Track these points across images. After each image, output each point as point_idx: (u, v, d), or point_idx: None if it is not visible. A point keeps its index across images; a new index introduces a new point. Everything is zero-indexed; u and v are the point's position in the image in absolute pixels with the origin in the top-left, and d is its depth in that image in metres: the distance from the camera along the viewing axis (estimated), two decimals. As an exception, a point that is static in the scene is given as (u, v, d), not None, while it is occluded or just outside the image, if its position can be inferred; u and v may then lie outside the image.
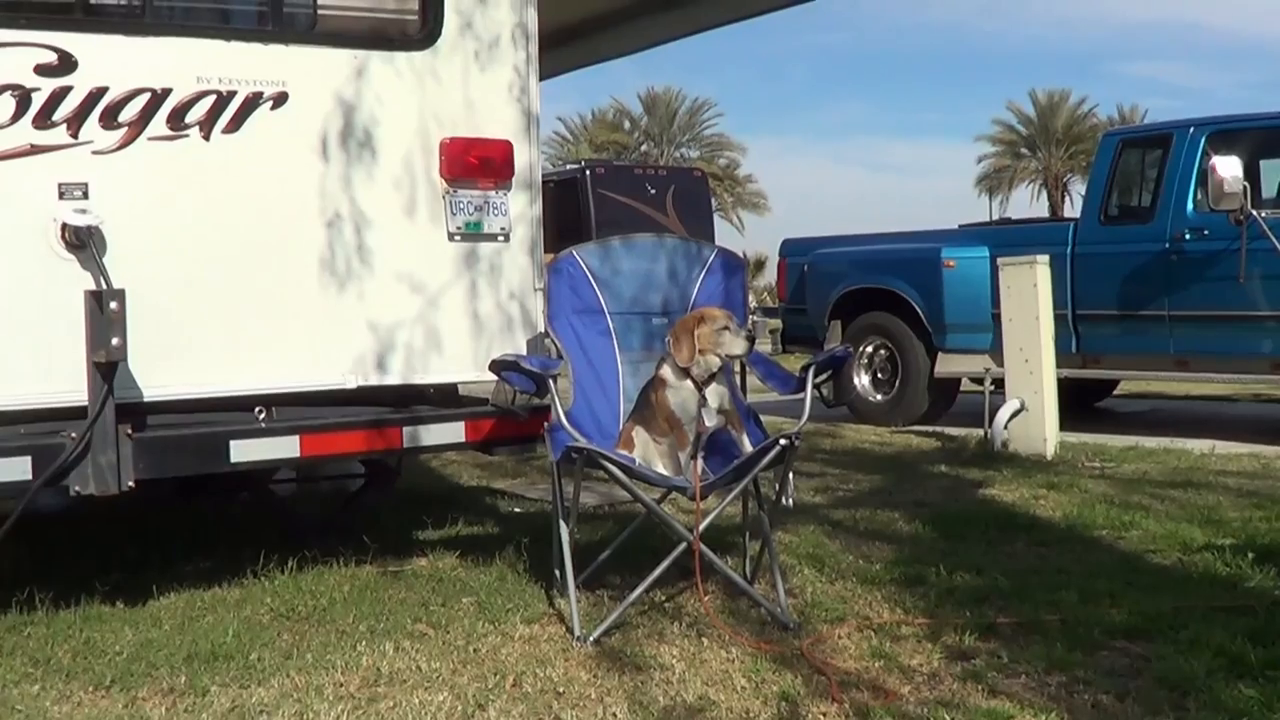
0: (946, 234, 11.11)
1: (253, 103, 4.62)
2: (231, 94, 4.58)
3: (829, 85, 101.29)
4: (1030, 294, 8.55)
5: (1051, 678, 3.66)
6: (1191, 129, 9.40)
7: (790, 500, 4.73)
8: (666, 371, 4.54)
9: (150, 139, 4.43)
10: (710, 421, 4.47)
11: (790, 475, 4.51)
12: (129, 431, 4.26)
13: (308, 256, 4.75)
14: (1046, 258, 8.72)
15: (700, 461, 4.47)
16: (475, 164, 5.06)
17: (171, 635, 4.24)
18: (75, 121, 4.32)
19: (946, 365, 10.46)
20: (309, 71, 4.75)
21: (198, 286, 4.53)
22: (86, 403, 4.19)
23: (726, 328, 4.49)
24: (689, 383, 4.50)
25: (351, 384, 4.86)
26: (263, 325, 4.65)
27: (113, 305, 4.09)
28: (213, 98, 4.55)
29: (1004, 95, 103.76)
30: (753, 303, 31.67)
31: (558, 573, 4.53)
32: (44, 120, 4.28)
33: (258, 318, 4.64)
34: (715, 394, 4.54)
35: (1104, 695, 3.50)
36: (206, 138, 4.53)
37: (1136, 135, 10.69)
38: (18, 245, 4.22)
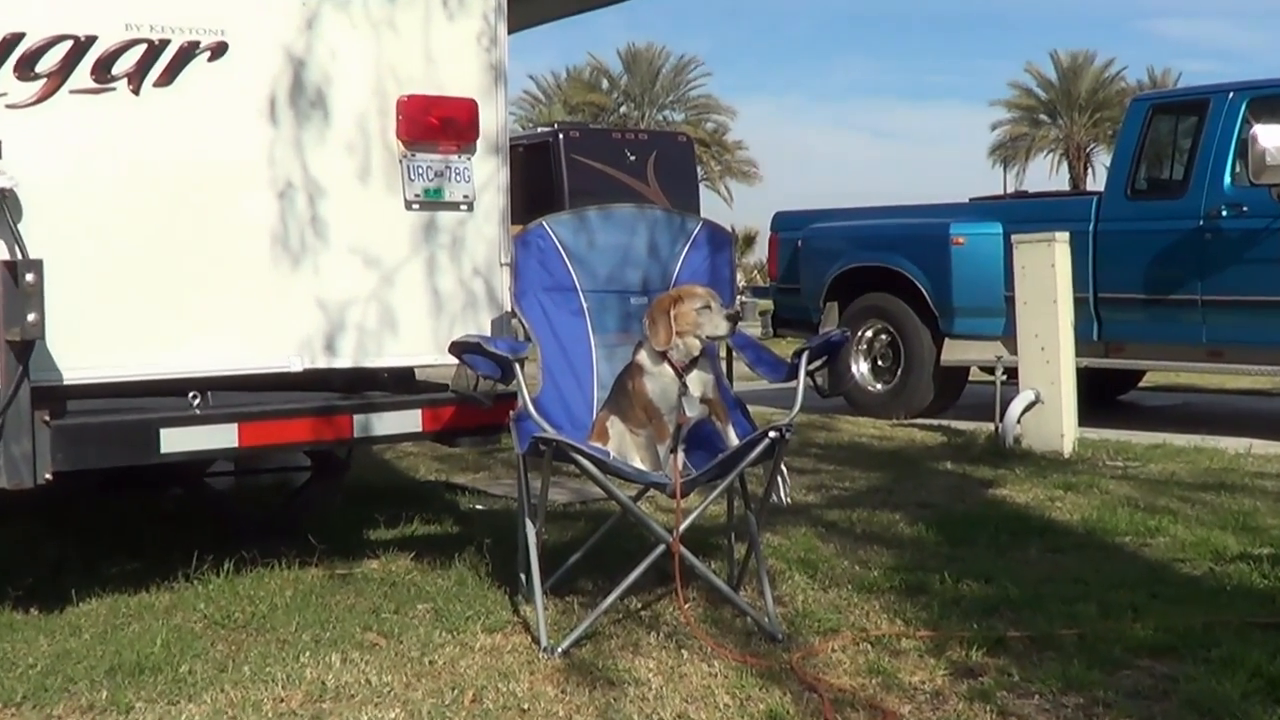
0: (956, 208, 11.14)
1: (188, 53, 4.59)
2: (164, 43, 4.54)
3: (829, 42, 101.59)
4: (1047, 275, 8.57)
5: (1068, 699, 3.66)
6: (1231, 94, 9.42)
7: (783, 499, 4.70)
8: (643, 356, 4.55)
9: (72, 92, 4.39)
10: (691, 411, 4.47)
11: (781, 471, 4.52)
12: (46, 418, 4.23)
13: (250, 226, 4.74)
14: (1066, 235, 8.75)
15: (681, 455, 4.47)
16: (436, 125, 5.06)
17: (92, 645, 4.23)
18: (-14, 71, 4.30)
19: (954, 352, 10.50)
20: (252, 19, 4.72)
21: (126, 257, 4.51)
22: (-1, 386, 4.17)
23: (708, 306, 4.51)
24: (668, 368, 4.51)
25: (297, 367, 4.85)
26: (199, 301, 4.65)
27: (29, 277, 4.05)
28: (143, 47, 4.51)
29: (1022, 56, 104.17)
30: (741, 281, 31.75)
31: (523, 577, 4.54)
32: (-51, 69, 4.24)
33: (193, 293, 4.63)
34: (698, 381, 4.55)
35: (1126, 719, 3.50)
36: (136, 92, 4.50)
37: (1169, 100, 10.74)
38: (-81, 209, 4.20)
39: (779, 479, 4.55)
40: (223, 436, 4.55)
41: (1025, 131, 54.12)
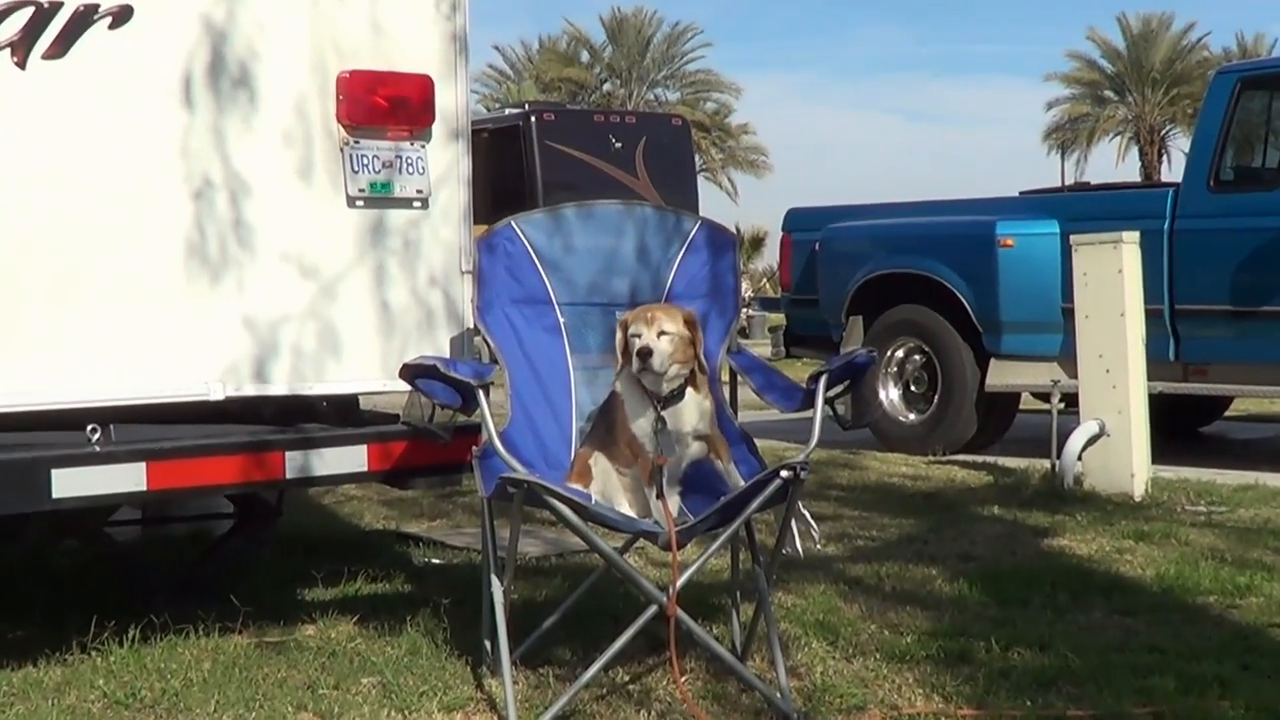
0: (1004, 203, 11.17)
1: (85, 19, 4.59)
2: (56, 6, 4.54)
3: (851, 6, 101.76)
4: (1114, 283, 8.58)
5: (1139, 790, 3.67)
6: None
7: (798, 550, 4.70)
8: (622, 384, 4.58)
9: (-60, 64, 4.42)
10: (671, 451, 4.49)
11: (798, 517, 4.52)
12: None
13: (161, 230, 4.75)
14: (1136, 235, 8.76)
15: (676, 500, 4.50)
16: (384, 106, 5.08)
17: (-33, 731, 4.21)
18: None
19: (1002, 376, 10.52)
20: (161, -21, 4.74)
21: (8, 265, 4.51)
22: None
23: (637, 334, 4.50)
24: (645, 398, 4.54)
25: (219, 395, 4.87)
26: (99, 317, 4.66)
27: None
28: (29, 10, 4.50)
29: (1084, 21, 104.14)
30: (747, 291, 31.84)
31: (488, 645, 4.54)
32: None
33: (92, 308, 4.65)
34: (691, 412, 4.58)
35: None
36: (21, 65, 4.50)
37: (1261, 73, 10.75)
38: None
39: (793, 527, 4.53)
40: (127, 478, 4.53)
41: (1087, 111, 54.25)
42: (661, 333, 4.49)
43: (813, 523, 4.76)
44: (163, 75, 4.74)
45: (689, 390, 4.57)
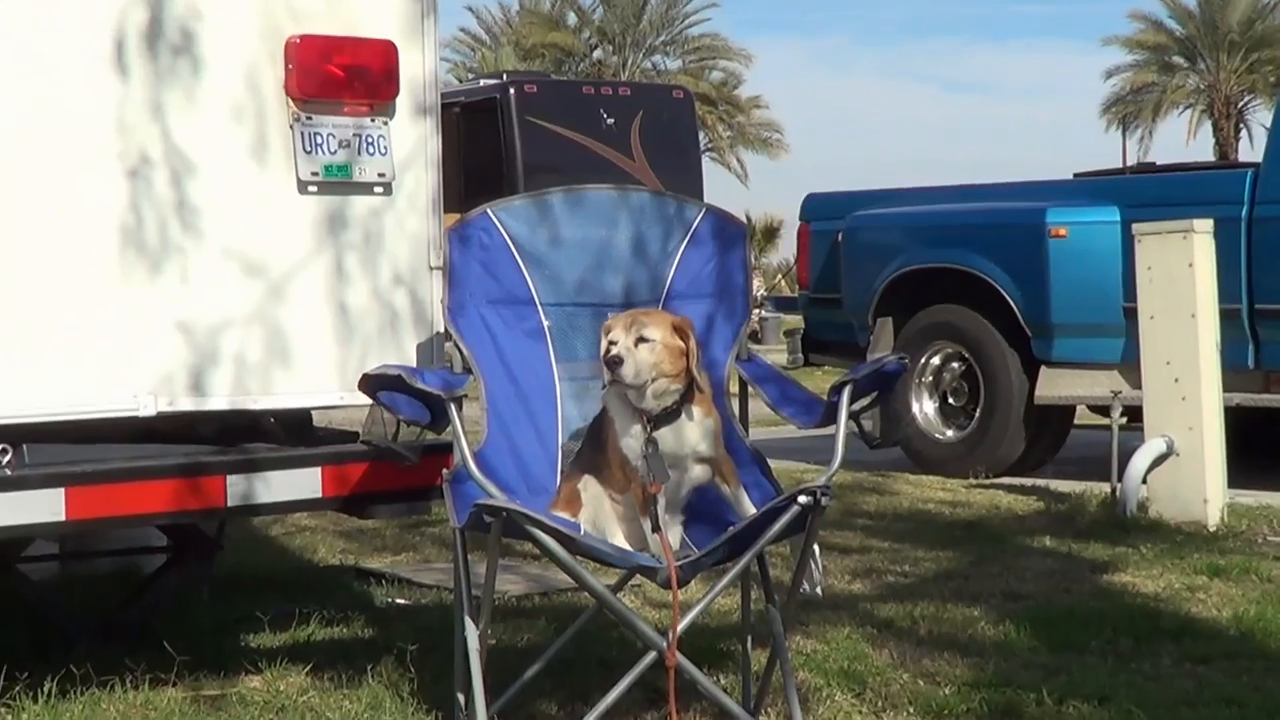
0: (1056, 187, 11.20)
1: (1, -25, 4.61)
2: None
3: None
4: (1183, 279, 8.57)
5: None
6: None
7: (818, 588, 4.87)
8: (609, 399, 4.57)
9: None
10: (664, 477, 4.44)
11: (815, 550, 4.57)
12: None
13: (88, 217, 4.75)
14: (1210, 223, 8.78)
15: (678, 530, 4.49)
16: (340, 76, 5.08)
17: None
18: None
19: (1054, 386, 10.51)
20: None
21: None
22: None
23: (613, 342, 4.45)
24: (635, 415, 4.51)
25: (150, 410, 4.86)
26: (11, 319, 4.65)
27: None
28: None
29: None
30: (759, 290, 31.80)
31: (461, 698, 4.51)
32: None
33: (3, 306, 4.64)
34: (690, 432, 4.53)
35: None
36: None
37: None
38: None
39: (812, 561, 4.59)
40: (43, 507, 4.51)
41: (1152, 80, 54.29)
42: (641, 339, 4.44)
43: (819, 562, 4.76)
44: (92, 38, 4.73)
45: (688, 406, 4.53)
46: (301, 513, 7.35)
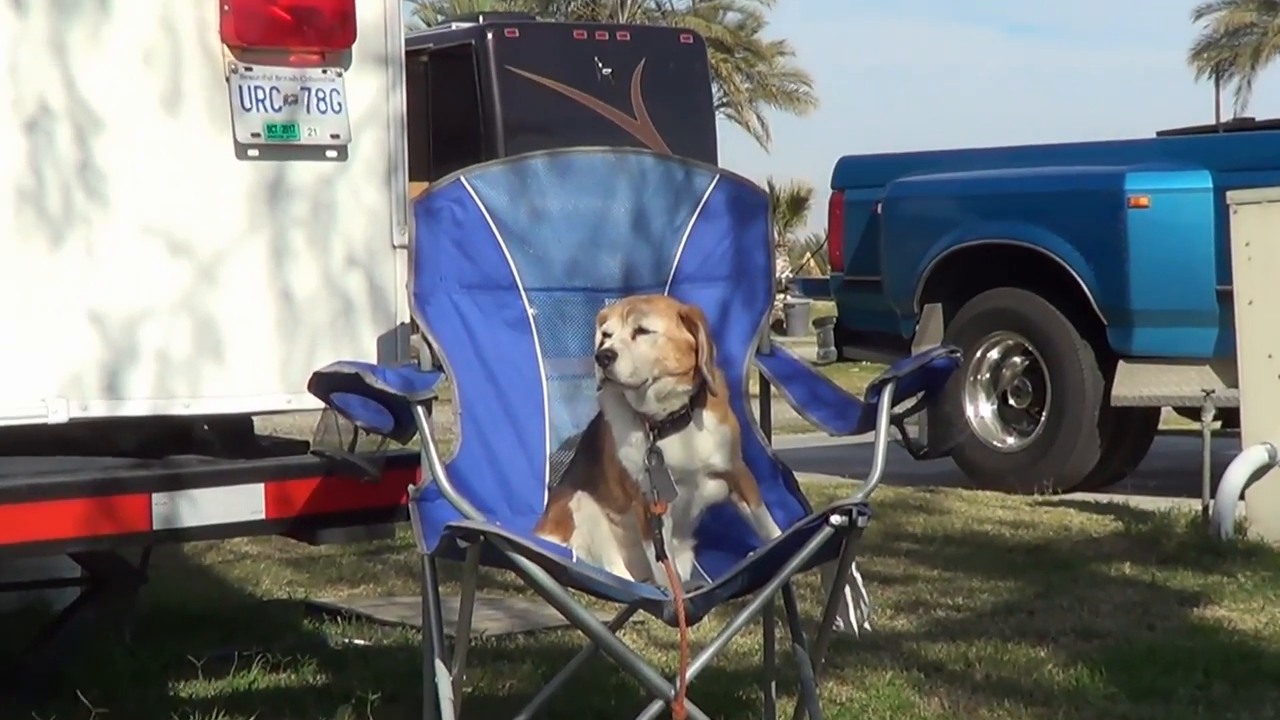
0: (1136, 148, 11.00)
1: None
2: None
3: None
4: (1289, 257, 8.35)
5: None
6: None
7: (854, 624, 4.59)
8: (605, 402, 4.41)
9: None
10: (671, 494, 4.26)
11: (858, 579, 4.49)
12: None
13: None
14: (1320, 190, 8.53)
15: (688, 557, 4.39)
16: (285, 19, 4.96)
17: None
18: None
19: (1134, 384, 10.27)
20: None
21: None
22: None
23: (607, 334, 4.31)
24: (636, 421, 4.33)
25: (60, 415, 4.75)
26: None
27: None
28: None
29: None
30: (784, 271, 31.64)
31: (431, 756, 4.34)
32: None
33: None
34: (701, 442, 4.36)
35: None
36: None
37: None
38: None
39: (849, 591, 4.48)
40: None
41: (1251, 21, 54.25)
42: (641, 330, 4.26)
43: (864, 592, 4.58)
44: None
45: (699, 411, 4.35)
46: (241, 537, 7.47)
